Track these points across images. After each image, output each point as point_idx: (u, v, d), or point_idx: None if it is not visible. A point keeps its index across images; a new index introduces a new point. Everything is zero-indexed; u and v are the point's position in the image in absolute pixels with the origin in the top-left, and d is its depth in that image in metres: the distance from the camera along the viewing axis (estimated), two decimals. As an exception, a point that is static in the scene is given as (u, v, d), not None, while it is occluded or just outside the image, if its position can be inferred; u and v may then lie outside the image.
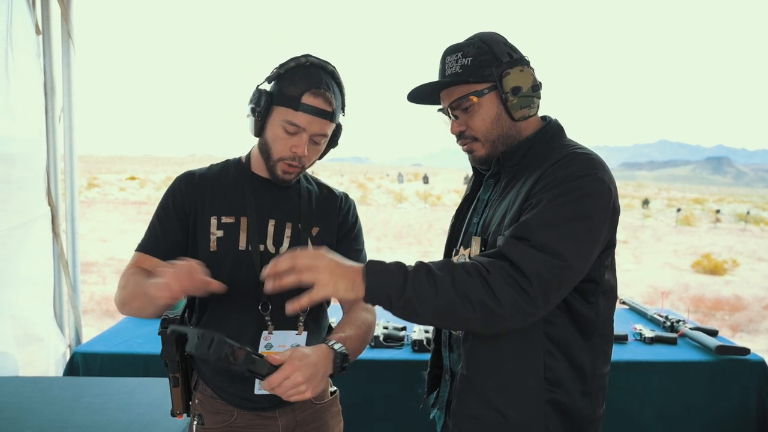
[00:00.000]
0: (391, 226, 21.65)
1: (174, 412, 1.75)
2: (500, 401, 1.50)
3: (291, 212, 1.77)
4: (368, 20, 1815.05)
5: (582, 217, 1.37)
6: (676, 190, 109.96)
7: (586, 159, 1.45)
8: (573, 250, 1.34)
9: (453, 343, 1.67)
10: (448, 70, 1.57)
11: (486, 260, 1.35)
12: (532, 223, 1.36)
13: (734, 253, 17.70)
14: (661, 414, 2.82)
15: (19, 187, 3.02)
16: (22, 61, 2.94)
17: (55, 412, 2.08)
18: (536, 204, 1.39)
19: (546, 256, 1.32)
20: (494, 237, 1.50)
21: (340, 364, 1.50)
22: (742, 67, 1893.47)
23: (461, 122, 1.59)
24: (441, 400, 1.75)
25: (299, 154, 1.64)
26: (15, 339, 2.99)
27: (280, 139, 1.64)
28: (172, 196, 1.74)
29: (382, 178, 79.59)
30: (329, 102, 1.62)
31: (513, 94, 1.52)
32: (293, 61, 1.64)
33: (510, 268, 1.32)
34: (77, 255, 3.45)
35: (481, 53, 1.53)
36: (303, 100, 1.59)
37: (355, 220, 1.88)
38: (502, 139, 1.58)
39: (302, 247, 1.37)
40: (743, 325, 9.17)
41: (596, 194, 1.40)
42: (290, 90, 1.61)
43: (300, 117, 1.60)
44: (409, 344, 2.97)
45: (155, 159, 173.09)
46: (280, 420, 1.75)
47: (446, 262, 1.35)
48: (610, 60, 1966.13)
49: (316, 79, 1.61)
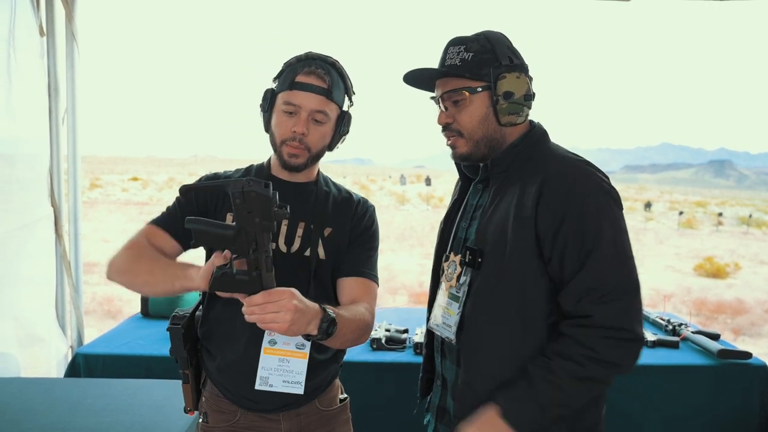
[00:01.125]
0: (393, 228, 21.66)
1: (186, 409, 1.78)
2: None
3: (305, 212, 1.76)
4: (371, 21, 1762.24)
5: (623, 250, 1.46)
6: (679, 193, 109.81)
7: (584, 178, 1.48)
8: (633, 276, 1.46)
9: (446, 350, 1.68)
10: (448, 60, 1.58)
11: (577, 336, 1.44)
12: (591, 284, 1.43)
13: (736, 256, 17.67)
14: (663, 418, 2.81)
15: (21, 188, 3.03)
16: (25, 62, 2.96)
17: (57, 413, 2.08)
18: (580, 264, 1.43)
19: (621, 301, 1.42)
20: (496, 247, 1.51)
21: (326, 328, 1.46)
22: (745, 70, 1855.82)
23: (449, 114, 1.61)
24: (433, 405, 1.75)
25: (299, 132, 1.67)
26: (17, 340, 3.00)
27: (282, 123, 1.69)
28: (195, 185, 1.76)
29: (384, 179, 79.59)
30: (322, 78, 1.66)
31: (504, 99, 1.54)
32: (295, 58, 1.71)
33: (604, 331, 1.41)
34: (80, 256, 3.45)
35: (483, 51, 1.55)
36: (297, 79, 1.66)
37: (371, 224, 1.86)
38: (486, 141, 1.60)
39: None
40: (745, 329, 9.15)
41: (615, 221, 1.47)
42: (288, 77, 1.68)
43: (295, 95, 1.66)
44: (411, 347, 2.97)
45: (158, 160, 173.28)
46: (284, 423, 1.74)
47: (544, 364, 1.44)
48: (612, 62, 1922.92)
49: (305, 61, 1.69)
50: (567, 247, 1.44)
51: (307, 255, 1.73)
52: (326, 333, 1.47)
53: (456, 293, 1.61)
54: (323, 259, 1.74)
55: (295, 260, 1.72)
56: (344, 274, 1.77)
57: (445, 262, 1.69)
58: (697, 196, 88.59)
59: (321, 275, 1.74)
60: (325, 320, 1.46)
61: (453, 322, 1.59)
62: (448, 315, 1.62)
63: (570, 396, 1.44)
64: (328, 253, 1.75)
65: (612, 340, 1.41)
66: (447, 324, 1.62)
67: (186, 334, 1.71)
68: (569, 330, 1.45)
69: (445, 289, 1.65)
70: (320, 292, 1.72)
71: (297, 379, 1.65)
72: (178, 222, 1.69)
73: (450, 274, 1.64)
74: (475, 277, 1.56)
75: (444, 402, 1.70)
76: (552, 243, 1.45)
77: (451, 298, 1.62)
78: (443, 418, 1.70)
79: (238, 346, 1.68)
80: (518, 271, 1.48)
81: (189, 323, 1.74)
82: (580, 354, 1.42)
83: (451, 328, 1.59)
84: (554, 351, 1.45)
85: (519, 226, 1.47)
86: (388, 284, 11.38)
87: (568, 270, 1.45)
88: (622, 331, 1.42)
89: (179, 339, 1.70)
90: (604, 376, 1.45)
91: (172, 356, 1.73)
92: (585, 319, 1.43)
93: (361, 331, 1.66)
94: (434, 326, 1.69)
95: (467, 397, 1.56)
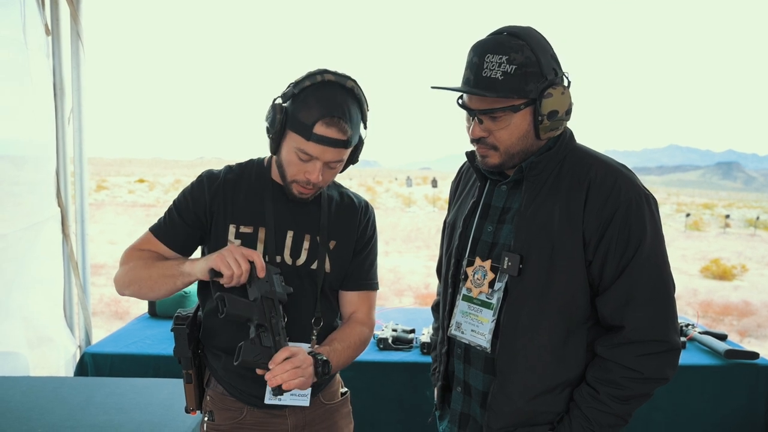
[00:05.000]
0: (399, 230, 21.63)
1: (188, 409, 1.78)
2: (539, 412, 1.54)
3: (310, 224, 1.74)
4: (378, 22, 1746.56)
5: (661, 258, 1.48)
6: (686, 195, 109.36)
7: (628, 184, 1.47)
8: (668, 283, 1.48)
9: (472, 357, 1.62)
10: (486, 71, 1.41)
11: (615, 358, 1.46)
12: (629, 291, 1.44)
13: (743, 258, 17.57)
14: (670, 417, 2.81)
15: (29, 190, 3.05)
16: (32, 62, 2.96)
17: (66, 411, 2.09)
18: (620, 270, 1.44)
19: (655, 309, 1.45)
20: (541, 253, 1.48)
21: (321, 371, 1.55)
22: (753, 72, 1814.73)
23: (485, 128, 1.49)
24: (454, 412, 1.70)
25: (312, 181, 1.60)
26: (26, 340, 3.01)
27: (294, 164, 1.60)
28: (192, 193, 1.72)
29: (390, 181, 79.54)
30: (343, 131, 1.54)
31: (548, 118, 1.44)
32: (308, 80, 1.56)
33: (639, 347, 1.44)
34: (87, 256, 3.47)
35: (528, 64, 1.41)
36: (315, 130, 1.52)
37: (373, 232, 1.85)
38: (521, 154, 1.51)
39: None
40: (752, 331, 9.11)
41: (656, 228, 1.48)
42: (303, 116, 1.53)
43: (312, 147, 1.54)
44: (417, 347, 2.98)
45: (164, 162, 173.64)
46: (290, 419, 1.75)
47: (592, 396, 1.48)
48: (619, 64, 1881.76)
49: (330, 105, 1.53)
50: (609, 253, 1.44)
51: (314, 268, 1.72)
52: (323, 374, 1.56)
53: (488, 299, 1.55)
54: (329, 272, 1.74)
55: (302, 273, 1.71)
56: (348, 289, 1.81)
57: (468, 267, 1.62)
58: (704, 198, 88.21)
59: (326, 288, 1.75)
60: (317, 366, 1.55)
61: (487, 330, 1.54)
62: (479, 322, 1.56)
63: (621, 416, 1.49)
64: (334, 265, 1.75)
65: (648, 356, 1.44)
66: (478, 332, 1.56)
67: (190, 334, 1.72)
68: (607, 352, 1.47)
69: (472, 295, 1.59)
70: (325, 305, 1.75)
71: (303, 392, 1.69)
72: (178, 234, 1.72)
73: (478, 279, 1.57)
74: (515, 283, 1.50)
75: (467, 409, 1.66)
76: (595, 247, 1.45)
77: (481, 304, 1.57)
78: (467, 424, 1.67)
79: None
80: (566, 276, 1.47)
81: (192, 323, 1.75)
82: (621, 377, 1.45)
83: (485, 336, 1.54)
84: (597, 378, 1.48)
85: (566, 231, 1.46)
86: (395, 286, 11.37)
87: (608, 275, 1.45)
88: (657, 344, 1.44)
89: (184, 339, 1.71)
90: (648, 389, 1.49)
91: (176, 356, 1.74)
92: (618, 335, 1.45)
93: (359, 349, 1.77)
94: (458, 334, 1.62)
95: (503, 405, 1.54)
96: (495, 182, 1.64)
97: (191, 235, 1.73)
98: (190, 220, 1.71)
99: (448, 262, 1.72)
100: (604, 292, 1.47)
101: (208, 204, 1.70)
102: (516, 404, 1.52)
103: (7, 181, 2.93)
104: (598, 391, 1.47)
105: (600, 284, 1.47)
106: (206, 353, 1.79)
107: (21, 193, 2.99)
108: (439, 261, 1.88)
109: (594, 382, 1.48)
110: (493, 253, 1.56)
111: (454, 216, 1.76)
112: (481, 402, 1.61)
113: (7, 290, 2.86)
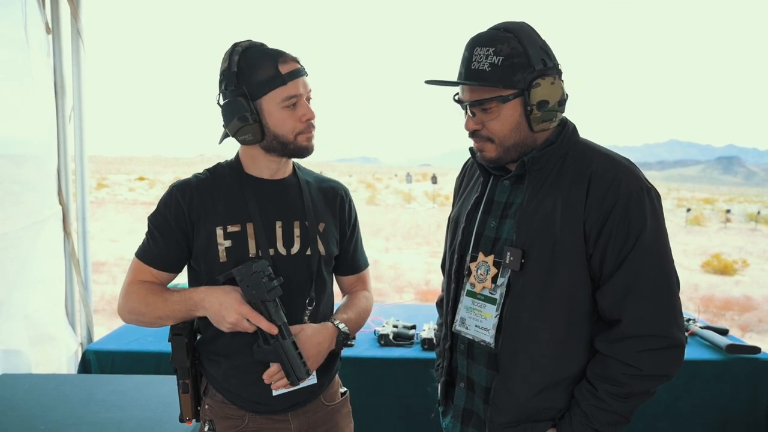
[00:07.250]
0: (399, 227, 21.62)
1: (183, 418, 1.75)
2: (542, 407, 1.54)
3: (296, 210, 1.74)
4: (377, 19, 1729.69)
5: (663, 250, 1.47)
6: (686, 189, 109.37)
7: (630, 177, 1.47)
8: (671, 276, 1.47)
9: (475, 353, 1.62)
10: (475, 63, 1.45)
11: (614, 354, 1.45)
12: (628, 283, 1.43)
13: (744, 253, 17.58)
14: (672, 412, 2.81)
15: (30, 188, 3.05)
16: (32, 61, 2.96)
17: (68, 408, 2.10)
18: (619, 262, 1.44)
19: (655, 303, 1.43)
20: (543, 247, 1.48)
21: (343, 342, 1.72)
22: (754, 66, 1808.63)
23: (478, 120, 1.51)
24: (457, 408, 1.70)
25: (310, 118, 1.65)
26: (28, 338, 3.02)
27: (287, 118, 1.62)
28: (169, 208, 1.67)
29: (390, 178, 79.54)
30: (297, 61, 1.63)
31: (538, 108, 1.45)
32: (234, 56, 1.60)
33: (638, 343, 1.43)
34: (88, 254, 3.48)
35: (515, 54, 1.43)
36: (281, 71, 1.59)
37: (354, 213, 1.91)
38: (517, 147, 1.51)
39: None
40: (753, 325, 9.11)
41: (657, 220, 1.47)
42: (261, 74, 1.58)
43: (291, 86, 1.60)
44: (418, 342, 2.98)
45: (164, 160, 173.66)
46: (293, 423, 1.74)
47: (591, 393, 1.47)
48: (619, 59, 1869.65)
49: (270, 51, 1.61)
50: (608, 245, 1.43)
51: (309, 254, 1.72)
52: (344, 345, 1.73)
53: (491, 295, 1.56)
54: (323, 254, 1.75)
55: (298, 261, 1.71)
56: (344, 274, 1.92)
57: (472, 262, 1.62)
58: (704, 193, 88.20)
59: (321, 271, 1.75)
60: (340, 337, 1.71)
61: (490, 325, 1.55)
62: (482, 318, 1.57)
63: (622, 414, 1.47)
64: (327, 247, 1.76)
65: (648, 352, 1.42)
66: (482, 327, 1.57)
67: (188, 343, 1.71)
68: (606, 348, 1.47)
69: (476, 290, 1.60)
70: (319, 285, 1.75)
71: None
72: (164, 255, 1.68)
73: (482, 275, 1.58)
74: (517, 278, 1.51)
75: (470, 405, 1.66)
76: (595, 240, 1.44)
77: (485, 300, 1.57)
78: (470, 420, 1.67)
79: (245, 350, 1.65)
80: (568, 270, 1.47)
81: (190, 331, 1.73)
82: (621, 373, 1.44)
83: (489, 332, 1.55)
84: (596, 375, 1.47)
85: (568, 225, 1.45)
86: (395, 282, 11.37)
87: (608, 268, 1.45)
88: (656, 339, 1.42)
89: (182, 348, 1.69)
90: (649, 387, 1.46)
91: (173, 365, 1.72)
92: (616, 330, 1.44)
93: (366, 316, 1.89)
94: (462, 330, 1.63)
95: (506, 400, 1.54)
96: (498, 178, 1.64)
97: (177, 250, 1.68)
98: (172, 236, 1.67)
99: (451, 258, 1.72)
100: (604, 285, 1.46)
101: (186, 213, 1.66)
102: (518, 400, 1.53)
103: (8, 179, 2.93)
104: (597, 387, 1.46)
105: (600, 277, 1.47)
106: (203, 361, 1.76)
107: (22, 191, 2.99)
108: (443, 257, 1.88)
109: (593, 379, 1.48)
110: (496, 249, 1.57)
111: (458, 211, 1.77)
112: (484, 398, 1.61)
113: (9, 289, 2.86)
